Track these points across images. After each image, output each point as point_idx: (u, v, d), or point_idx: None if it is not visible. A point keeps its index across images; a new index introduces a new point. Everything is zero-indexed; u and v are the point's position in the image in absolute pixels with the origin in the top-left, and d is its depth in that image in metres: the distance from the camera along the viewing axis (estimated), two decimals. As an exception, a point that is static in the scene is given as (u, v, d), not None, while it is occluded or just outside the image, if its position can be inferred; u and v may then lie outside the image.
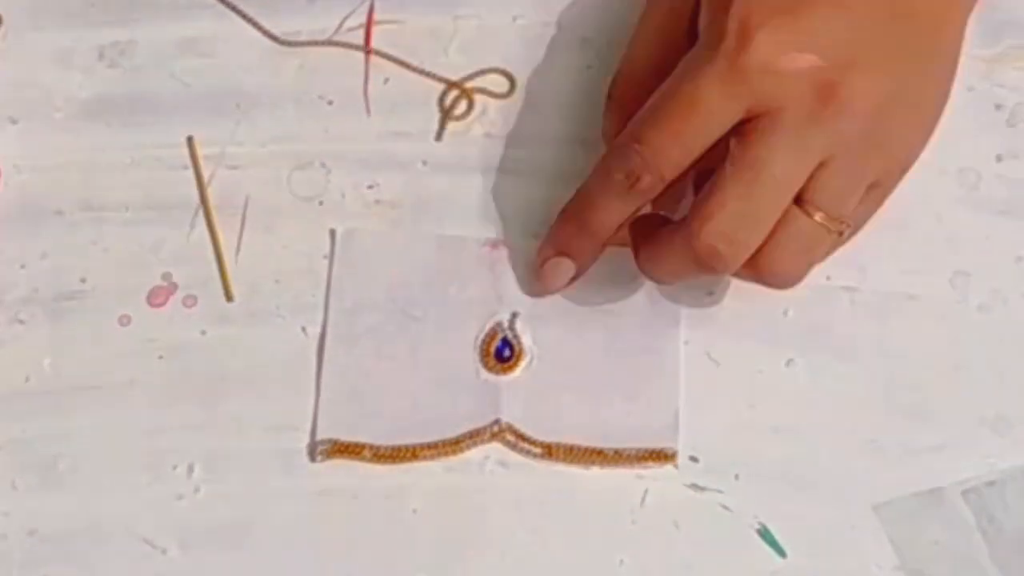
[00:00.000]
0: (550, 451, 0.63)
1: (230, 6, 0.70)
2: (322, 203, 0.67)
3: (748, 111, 0.58)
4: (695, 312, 0.64)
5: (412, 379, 0.64)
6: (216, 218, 0.66)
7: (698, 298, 0.64)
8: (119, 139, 0.68)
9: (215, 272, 0.65)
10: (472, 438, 0.63)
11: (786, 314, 0.64)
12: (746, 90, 0.58)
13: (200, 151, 0.67)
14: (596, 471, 0.63)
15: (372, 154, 0.67)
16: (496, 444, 0.63)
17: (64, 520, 0.63)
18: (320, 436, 0.63)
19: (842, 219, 0.59)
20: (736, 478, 0.62)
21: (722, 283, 0.65)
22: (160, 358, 0.65)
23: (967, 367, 0.64)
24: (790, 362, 0.64)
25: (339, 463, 0.63)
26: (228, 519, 0.62)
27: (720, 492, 0.62)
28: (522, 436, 0.63)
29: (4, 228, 0.67)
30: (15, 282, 0.66)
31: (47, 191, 0.67)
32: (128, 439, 0.63)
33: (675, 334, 0.64)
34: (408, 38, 0.69)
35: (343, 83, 0.68)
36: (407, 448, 0.63)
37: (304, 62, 0.69)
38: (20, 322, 0.65)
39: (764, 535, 0.62)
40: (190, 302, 0.65)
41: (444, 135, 0.68)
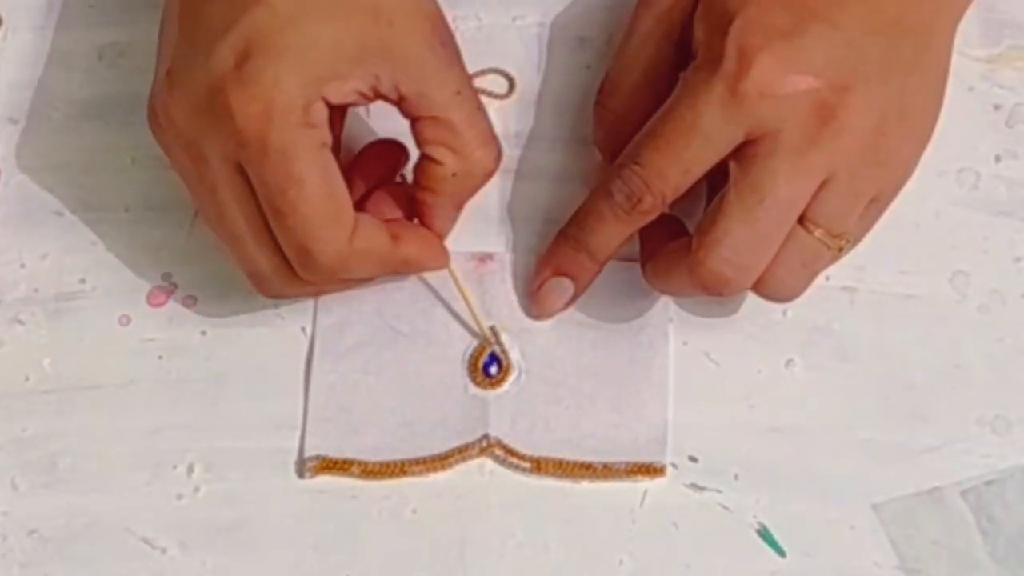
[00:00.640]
0: (539, 466, 0.62)
1: (230, 6, 0.70)
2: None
3: (748, 134, 0.58)
4: (695, 312, 0.64)
5: (400, 395, 0.63)
6: (216, 218, 0.66)
7: (697, 298, 0.64)
8: (119, 139, 0.68)
9: (215, 272, 0.65)
10: (460, 453, 0.63)
11: (785, 314, 0.64)
12: (746, 114, 0.57)
13: (200, 151, 0.67)
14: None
15: (372, 154, 0.67)
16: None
17: (64, 520, 0.63)
18: (308, 453, 0.63)
19: (843, 235, 0.59)
20: (735, 478, 0.62)
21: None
22: (160, 358, 0.65)
23: (966, 367, 0.64)
24: (789, 362, 0.64)
25: (339, 463, 0.63)
26: (228, 519, 0.62)
27: (719, 492, 0.62)
28: (511, 451, 0.63)
29: (4, 228, 0.67)
30: (15, 282, 0.66)
31: (47, 191, 0.67)
32: (128, 439, 0.64)
33: (664, 348, 0.64)
34: (408, 38, 0.69)
35: (343, 83, 0.68)
36: (395, 464, 0.63)
37: (304, 62, 0.69)
38: (20, 322, 0.65)
39: (764, 535, 0.62)
40: (190, 302, 0.65)
41: (444, 135, 0.68)
